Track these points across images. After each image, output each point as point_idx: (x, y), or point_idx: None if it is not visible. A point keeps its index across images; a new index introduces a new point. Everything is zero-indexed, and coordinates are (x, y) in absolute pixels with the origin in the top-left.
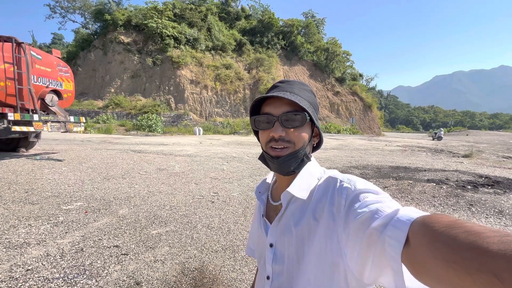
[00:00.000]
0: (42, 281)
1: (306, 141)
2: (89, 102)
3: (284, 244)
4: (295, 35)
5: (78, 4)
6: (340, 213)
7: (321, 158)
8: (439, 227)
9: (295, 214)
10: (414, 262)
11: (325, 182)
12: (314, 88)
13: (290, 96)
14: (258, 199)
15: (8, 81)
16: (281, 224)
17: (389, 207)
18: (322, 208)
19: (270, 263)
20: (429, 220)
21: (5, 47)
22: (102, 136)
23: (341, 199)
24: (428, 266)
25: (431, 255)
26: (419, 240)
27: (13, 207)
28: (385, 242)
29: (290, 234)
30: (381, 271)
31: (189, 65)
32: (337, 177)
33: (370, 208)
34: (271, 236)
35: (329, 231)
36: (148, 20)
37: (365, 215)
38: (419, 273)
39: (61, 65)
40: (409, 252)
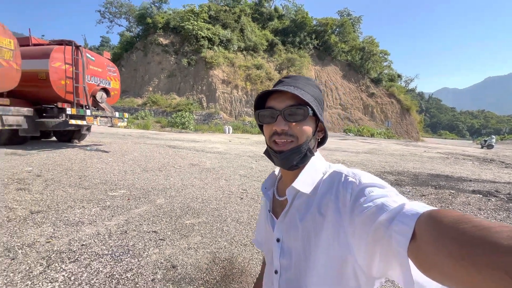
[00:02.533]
0: (94, 256)
1: (310, 136)
2: (130, 99)
3: (291, 239)
4: (328, 34)
5: (124, 9)
6: (345, 208)
7: (352, 161)
8: (446, 222)
9: (300, 209)
10: (420, 257)
11: (330, 177)
12: (347, 89)
13: (293, 90)
14: (264, 195)
15: (67, 79)
16: (287, 219)
17: (395, 201)
18: (327, 203)
19: (277, 258)
20: (436, 214)
21: (66, 50)
22: (141, 131)
23: (346, 193)
24: (435, 262)
25: (438, 251)
26: (425, 235)
27: (70, 190)
28: (391, 237)
29: (296, 229)
30: (389, 265)
31: (221, 66)
32: (342, 171)
33: (375, 202)
34: (277, 231)
35: (336, 226)
36: (185, 23)
37: (371, 209)
38: (426, 268)
39: (110, 65)
40: (416, 247)
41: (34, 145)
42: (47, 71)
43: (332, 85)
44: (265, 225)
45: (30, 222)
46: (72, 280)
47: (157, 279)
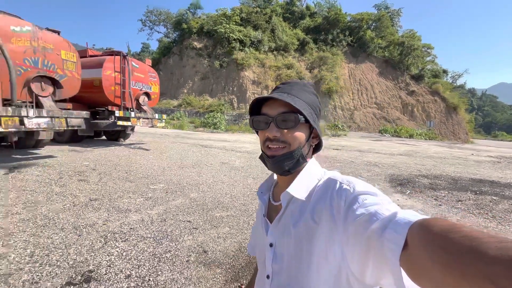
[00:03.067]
0: (140, 237)
1: (303, 142)
2: (166, 101)
3: (283, 244)
4: (364, 30)
5: (162, 17)
6: (339, 215)
7: (384, 163)
8: (437, 231)
9: (294, 214)
10: (412, 265)
11: (324, 184)
12: (384, 87)
13: (285, 97)
14: (259, 199)
15: (116, 85)
16: (280, 224)
17: (387, 209)
18: (321, 210)
19: (270, 263)
20: (428, 223)
21: (115, 60)
22: (177, 131)
23: (340, 201)
24: (426, 270)
25: (428, 259)
26: (417, 243)
27: (119, 182)
28: (384, 245)
29: (289, 234)
30: (382, 273)
31: (252, 67)
32: (337, 178)
33: (368, 210)
34: (271, 236)
35: (330, 233)
36: (217, 26)
37: (363, 217)
38: (417, 277)
39: (151, 71)
40: (408, 255)
41: (89, 143)
42: (101, 78)
43: (367, 83)
44: (260, 229)
45: (90, 207)
46: (124, 255)
47: (191, 260)
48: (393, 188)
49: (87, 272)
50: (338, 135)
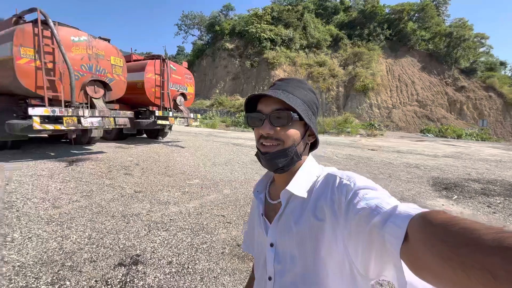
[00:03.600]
0: (178, 228)
1: (297, 140)
2: (199, 101)
3: (285, 244)
4: (404, 22)
5: (196, 21)
6: (341, 210)
7: (427, 165)
8: (436, 224)
9: (294, 212)
10: (412, 258)
11: (324, 180)
12: (427, 82)
13: (279, 94)
14: (256, 198)
15: (156, 87)
16: (281, 223)
17: (388, 203)
18: (323, 206)
19: (272, 263)
20: (428, 216)
21: (156, 63)
22: (209, 130)
23: (341, 196)
24: (426, 263)
25: (428, 252)
26: (417, 236)
27: (159, 177)
28: (385, 239)
29: (290, 233)
30: (384, 266)
31: (283, 65)
32: (336, 174)
33: (369, 204)
34: (271, 236)
35: (332, 229)
36: (249, 27)
37: (364, 211)
38: (417, 269)
39: (187, 73)
40: (408, 248)
41: (132, 140)
42: (143, 81)
43: (407, 79)
44: (257, 229)
45: (135, 199)
46: (165, 243)
47: (225, 252)
48: (437, 192)
49: (135, 256)
50: (373, 135)
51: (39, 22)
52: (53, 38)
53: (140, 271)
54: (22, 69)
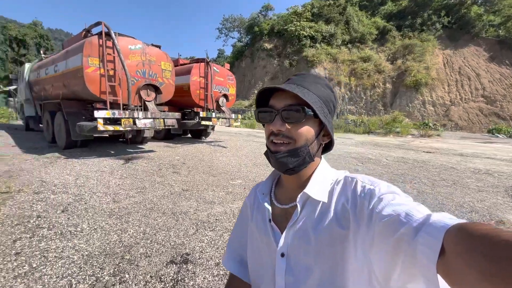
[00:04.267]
0: (224, 229)
1: (310, 139)
2: (239, 102)
3: (300, 253)
4: (467, 6)
5: (236, 23)
6: (363, 216)
7: (502, 172)
8: (477, 236)
9: (312, 218)
10: (448, 272)
11: (343, 184)
12: (497, 75)
13: (294, 88)
14: (261, 201)
15: (200, 89)
16: (296, 230)
17: (419, 211)
18: (346, 213)
19: (282, 275)
20: (466, 227)
21: (200, 66)
22: (248, 130)
23: (364, 201)
24: (464, 277)
25: (467, 266)
26: (454, 249)
27: (204, 176)
28: (417, 250)
29: (307, 241)
30: (411, 278)
31: (323, 63)
32: (357, 178)
33: (397, 211)
34: (283, 245)
35: (353, 236)
36: (287, 25)
37: (391, 218)
38: (454, 284)
39: (229, 75)
40: (444, 261)
41: (178, 140)
42: (189, 84)
43: (470, 71)
44: (260, 237)
45: (183, 197)
46: (212, 244)
47: None
48: None
49: (185, 255)
50: (428, 135)
51: (103, 34)
52: (114, 48)
53: (190, 270)
54: (89, 77)
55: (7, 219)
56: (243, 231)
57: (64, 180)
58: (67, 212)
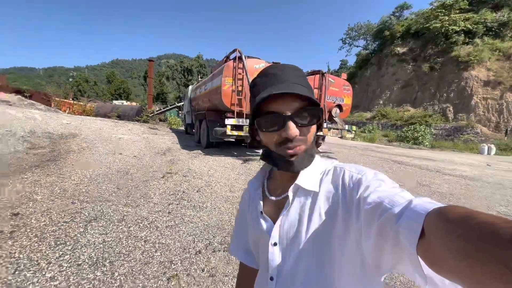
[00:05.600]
0: None
1: (314, 136)
2: (359, 114)
3: (291, 242)
4: None
5: (362, 31)
6: (352, 204)
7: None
8: (454, 219)
9: (303, 207)
10: (429, 253)
11: (333, 173)
12: None
13: (301, 90)
14: (253, 195)
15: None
16: (287, 220)
17: (402, 197)
18: (335, 201)
19: (275, 263)
20: (444, 211)
21: (315, 78)
22: (366, 144)
23: (352, 189)
24: (443, 258)
25: (445, 248)
26: (434, 232)
27: None
28: (399, 233)
29: (298, 229)
30: (398, 260)
31: (486, 62)
32: (345, 167)
33: (381, 197)
34: (274, 235)
35: (344, 224)
36: (430, 22)
37: (376, 204)
38: (434, 265)
39: (345, 84)
40: (424, 244)
41: None
42: None
43: None
44: (253, 228)
45: None
46: None
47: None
48: None
49: None
50: None
51: (237, 58)
52: (243, 68)
53: None
54: (225, 92)
55: (167, 190)
56: (243, 223)
57: (201, 170)
58: (199, 193)
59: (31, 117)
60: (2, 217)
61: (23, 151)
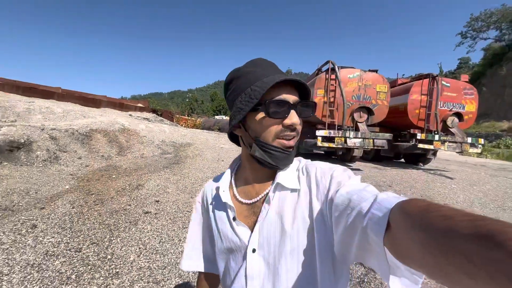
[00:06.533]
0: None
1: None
2: (490, 123)
3: (272, 245)
4: None
5: (494, 19)
6: (325, 199)
7: None
8: (416, 212)
9: (284, 208)
10: (395, 246)
11: (306, 172)
12: None
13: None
14: (223, 199)
15: (421, 108)
16: (267, 222)
17: (368, 192)
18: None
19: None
20: (407, 205)
21: (423, 83)
22: (501, 162)
23: (325, 187)
24: (408, 250)
25: (410, 240)
26: (398, 225)
27: None
28: (367, 227)
29: (280, 230)
30: (365, 254)
31: None
32: (315, 164)
33: (350, 193)
34: (253, 240)
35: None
36: None
37: (346, 200)
38: (400, 256)
39: (467, 88)
40: (390, 236)
41: (388, 163)
42: (406, 104)
43: None
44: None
45: None
46: None
47: None
48: None
49: None
50: None
51: (329, 70)
52: (336, 79)
53: None
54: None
55: None
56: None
57: None
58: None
59: (162, 130)
60: (149, 202)
61: (158, 155)
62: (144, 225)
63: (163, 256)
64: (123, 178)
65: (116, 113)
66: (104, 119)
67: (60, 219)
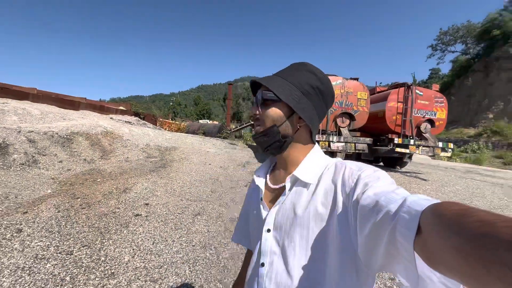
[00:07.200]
0: None
1: (278, 120)
2: (458, 130)
3: (284, 229)
4: None
5: (460, 33)
6: (350, 200)
7: None
8: (450, 215)
9: (299, 198)
10: (426, 251)
11: (333, 169)
12: None
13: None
14: (256, 181)
15: (397, 115)
16: (282, 207)
17: (398, 194)
18: (333, 196)
19: (267, 249)
20: (441, 208)
21: (399, 91)
22: (468, 166)
23: (351, 185)
24: (441, 256)
25: (443, 245)
26: (430, 229)
27: None
28: (396, 231)
29: (292, 218)
30: (391, 259)
31: None
32: (345, 163)
33: (378, 194)
34: (269, 221)
35: (339, 218)
36: None
37: (373, 202)
38: (431, 262)
39: (438, 96)
40: (421, 241)
41: None
42: (384, 110)
43: None
44: (254, 215)
45: None
46: None
47: None
48: None
49: None
50: None
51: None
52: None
53: None
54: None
55: None
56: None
57: None
58: None
59: (146, 134)
60: (138, 205)
61: (143, 159)
62: (136, 227)
63: (158, 256)
64: (108, 181)
65: (97, 116)
66: (85, 121)
67: (47, 223)
